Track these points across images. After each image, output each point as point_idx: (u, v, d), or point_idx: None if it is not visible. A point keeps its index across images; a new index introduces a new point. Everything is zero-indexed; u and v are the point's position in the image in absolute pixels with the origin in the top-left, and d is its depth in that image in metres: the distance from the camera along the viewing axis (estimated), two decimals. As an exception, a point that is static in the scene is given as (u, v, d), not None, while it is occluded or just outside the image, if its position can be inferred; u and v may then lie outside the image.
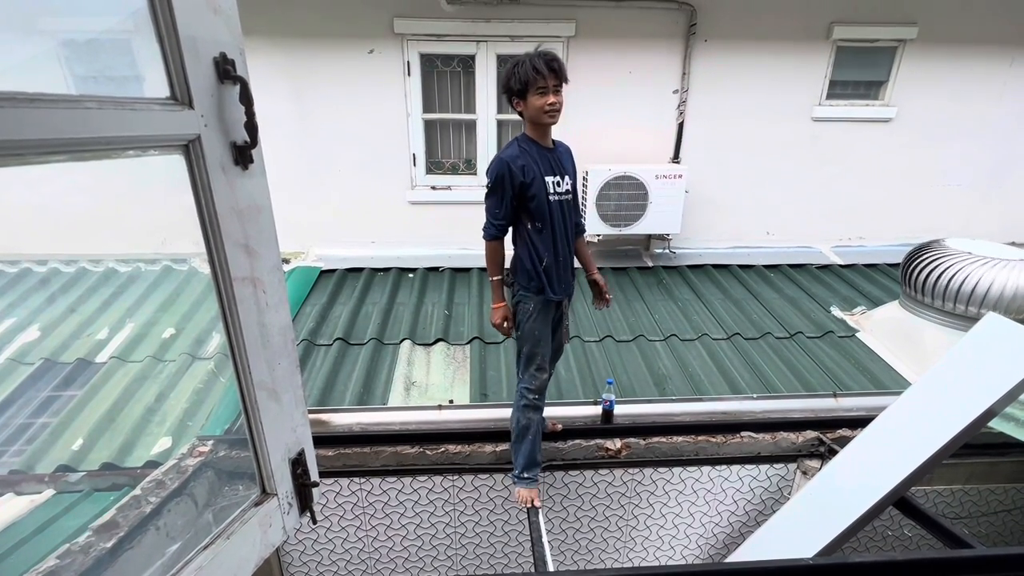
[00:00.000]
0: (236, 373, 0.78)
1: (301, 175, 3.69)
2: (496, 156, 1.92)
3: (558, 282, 2.01)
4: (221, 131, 0.69)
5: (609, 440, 2.48)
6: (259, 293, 0.76)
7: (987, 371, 1.86)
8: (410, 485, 2.52)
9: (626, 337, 3.10)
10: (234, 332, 0.75)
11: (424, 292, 3.52)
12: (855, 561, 1.51)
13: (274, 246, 0.79)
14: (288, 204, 3.62)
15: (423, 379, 2.77)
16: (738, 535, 2.77)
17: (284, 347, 0.83)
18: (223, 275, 0.73)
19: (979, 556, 1.55)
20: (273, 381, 0.81)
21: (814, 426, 2.52)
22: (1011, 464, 2.64)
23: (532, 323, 2.00)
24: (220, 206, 0.70)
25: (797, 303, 3.47)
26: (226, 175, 0.71)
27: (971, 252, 2.90)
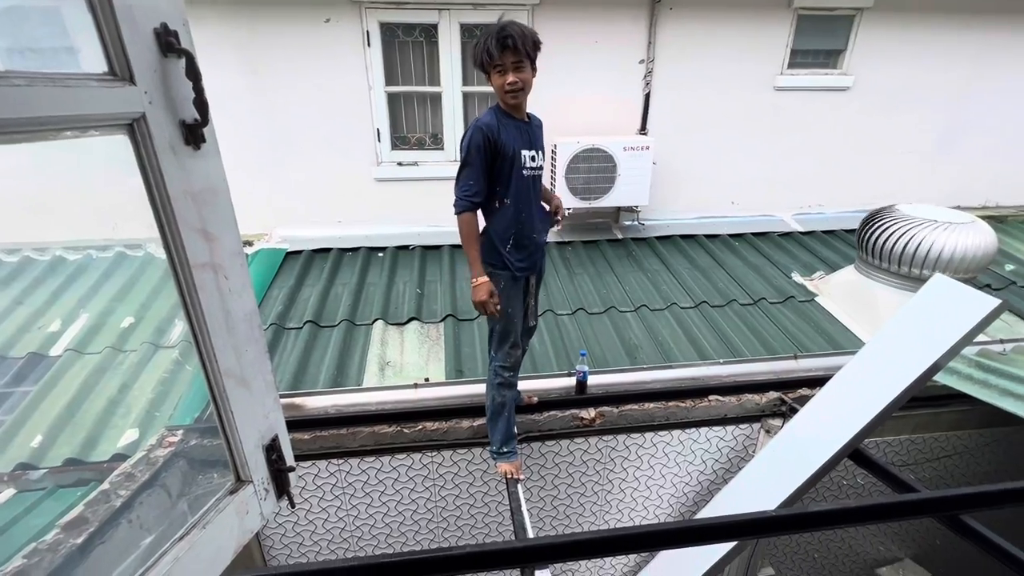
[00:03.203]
0: (202, 362, 0.76)
1: (259, 153, 3.53)
2: (472, 123, 1.82)
3: (527, 258, 1.99)
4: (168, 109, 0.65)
5: (584, 410, 2.54)
6: (220, 279, 0.74)
7: (933, 329, 1.98)
8: (389, 463, 2.54)
9: (598, 309, 3.15)
10: (196, 321, 0.72)
11: (395, 271, 3.47)
12: (813, 511, 1.61)
13: (233, 230, 0.76)
14: (247, 184, 3.48)
15: (397, 359, 2.76)
16: (707, 493, 2.91)
17: (251, 334, 0.80)
18: (180, 262, 0.70)
19: (923, 499, 1.67)
20: (241, 369, 0.79)
21: (776, 387, 2.65)
22: (952, 413, 2.85)
23: (504, 300, 1.98)
24: (172, 189, 0.66)
25: (760, 270, 3.58)
26: (176, 156, 0.67)
27: (920, 217, 3.04)
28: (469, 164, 1.82)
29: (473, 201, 1.85)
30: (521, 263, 1.97)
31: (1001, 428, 2.99)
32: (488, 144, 1.78)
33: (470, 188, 1.83)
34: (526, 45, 1.71)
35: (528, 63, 1.77)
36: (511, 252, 1.94)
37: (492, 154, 1.80)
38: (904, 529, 3.39)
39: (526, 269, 2.00)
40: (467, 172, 1.83)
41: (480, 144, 1.78)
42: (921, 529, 3.39)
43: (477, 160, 1.80)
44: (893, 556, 3.47)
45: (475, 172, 1.82)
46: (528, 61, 1.76)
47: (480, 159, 1.80)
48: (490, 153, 1.80)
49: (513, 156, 1.84)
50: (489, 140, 1.78)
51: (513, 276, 1.98)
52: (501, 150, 1.80)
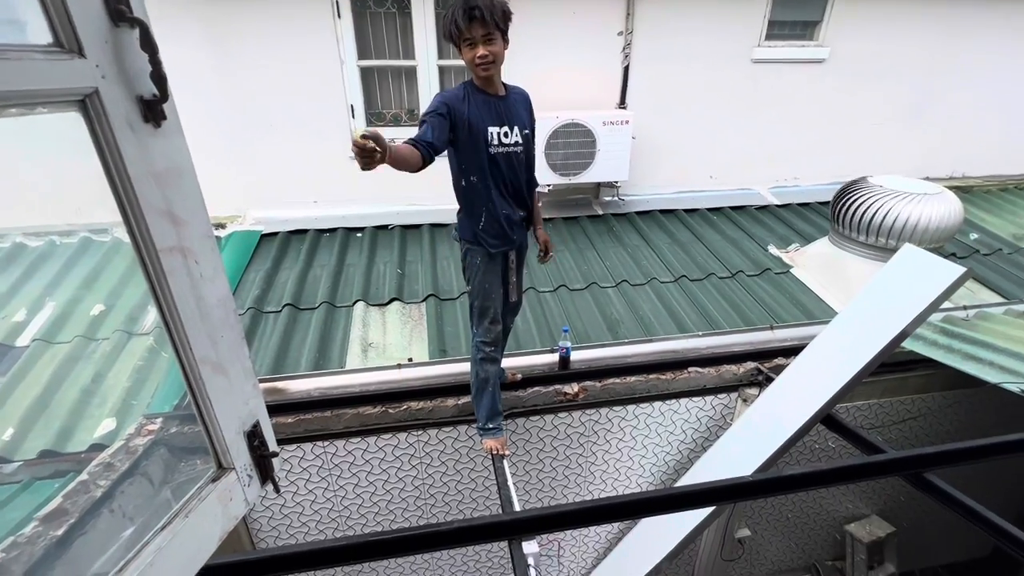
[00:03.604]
0: (175, 351, 0.74)
1: (227, 132, 3.40)
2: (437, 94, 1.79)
3: (502, 235, 1.95)
4: (123, 84, 0.61)
5: (567, 385, 2.58)
6: (191, 264, 0.71)
7: (902, 297, 2.05)
8: (375, 444, 2.54)
9: (579, 285, 3.16)
10: (167, 308, 0.69)
11: (374, 251, 3.42)
12: (788, 474, 1.68)
13: (202, 212, 0.73)
14: (216, 164, 3.35)
15: (380, 339, 2.74)
16: (687, 461, 3.01)
17: (225, 319, 0.78)
18: (147, 247, 0.67)
19: (890, 459, 1.76)
20: (217, 355, 0.77)
21: (753, 357, 2.72)
22: (918, 378, 2.98)
23: (481, 276, 1.98)
24: (133, 170, 0.63)
25: (738, 243, 3.64)
26: (136, 134, 0.63)
27: (891, 188, 3.10)
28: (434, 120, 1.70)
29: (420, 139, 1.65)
30: (494, 239, 1.95)
31: (963, 390, 3.14)
32: (455, 111, 1.73)
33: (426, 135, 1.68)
34: (495, 16, 1.65)
35: (499, 35, 1.70)
36: (484, 230, 1.92)
37: (457, 123, 1.75)
38: (871, 488, 3.57)
39: (501, 246, 1.98)
40: (428, 120, 1.71)
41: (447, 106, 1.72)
42: (887, 487, 3.57)
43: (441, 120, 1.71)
44: (861, 512, 3.66)
45: (434, 123, 1.70)
46: (499, 33, 1.70)
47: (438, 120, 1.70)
48: (457, 121, 1.74)
49: (479, 132, 1.79)
50: (448, 107, 1.72)
51: (488, 253, 1.96)
52: (462, 123, 1.75)
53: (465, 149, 1.82)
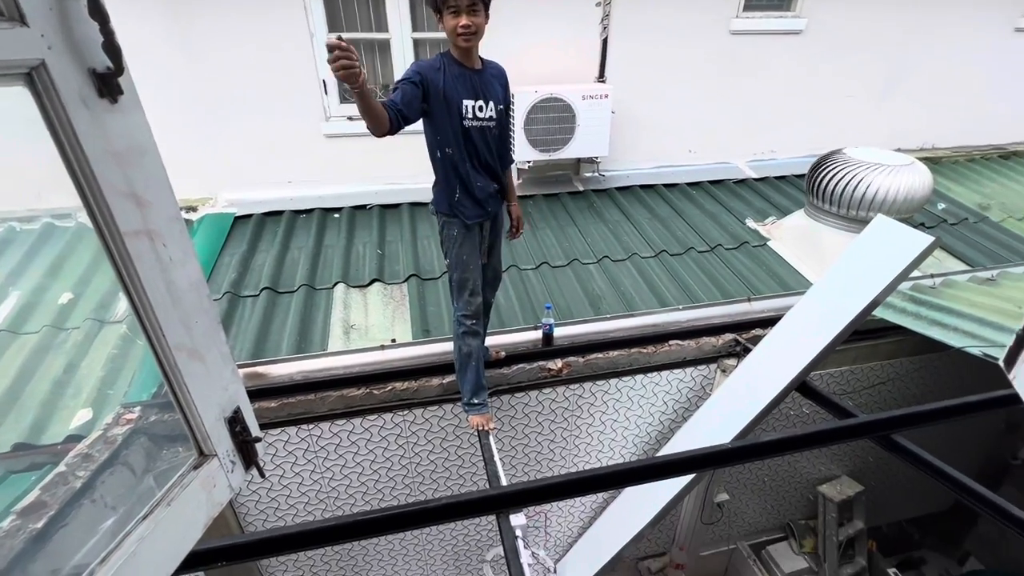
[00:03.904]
0: (148, 338, 0.72)
1: (194, 110, 3.26)
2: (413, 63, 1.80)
3: (477, 207, 1.98)
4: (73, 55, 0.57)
5: (551, 361, 2.60)
6: (159, 247, 0.68)
7: (874, 267, 2.10)
8: (360, 425, 2.55)
9: (561, 262, 3.17)
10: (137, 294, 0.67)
11: (353, 232, 3.36)
12: (765, 441, 1.74)
13: (168, 193, 0.69)
14: (183, 144, 3.22)
15: (362, 321, 2.71)
16: (668, 432, 3.09)
17: (199, 304, 0.76)
18: (110, 231, 0.64)
19: (860, 423, 1.83)
20: (192, 341, 0.75)
21: (731, 329, 2.78)
22: (888, 344, 3.09)
23: (458, 249, 2.00)
24: (90, 149, 0.59)
25: (716, 217, 3.67)
26: (90, 110, 0.60)
27: (865, 160, 3.15)
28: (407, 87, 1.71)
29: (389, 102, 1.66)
30: (471, 211, 1.97)
31: (929, 355, 3.27)
32: (430, 82, 1.74)
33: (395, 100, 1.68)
34: None
35: (482, 7, 1.72)
36: (459, 201, 1.94)
37: (430, 94, 1.76)
38: (842, 450, 3.73)
39: (478, 217, 2.00)
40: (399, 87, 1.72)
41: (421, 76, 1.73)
42: (857, 449, 3.73)
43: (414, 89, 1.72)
44: (832, 474, 3.83)
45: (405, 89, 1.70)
46: (482, 5, 1.71)
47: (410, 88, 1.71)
48: (427, 84, 1.75)
49: (454, 104, 1.80)
50: (422, 76, 1.73)
51: (465, 225, 1.97)
52: (436, 93, 1.76)
53: (440, 121, 1.82)
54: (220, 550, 1.33)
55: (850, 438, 1.85)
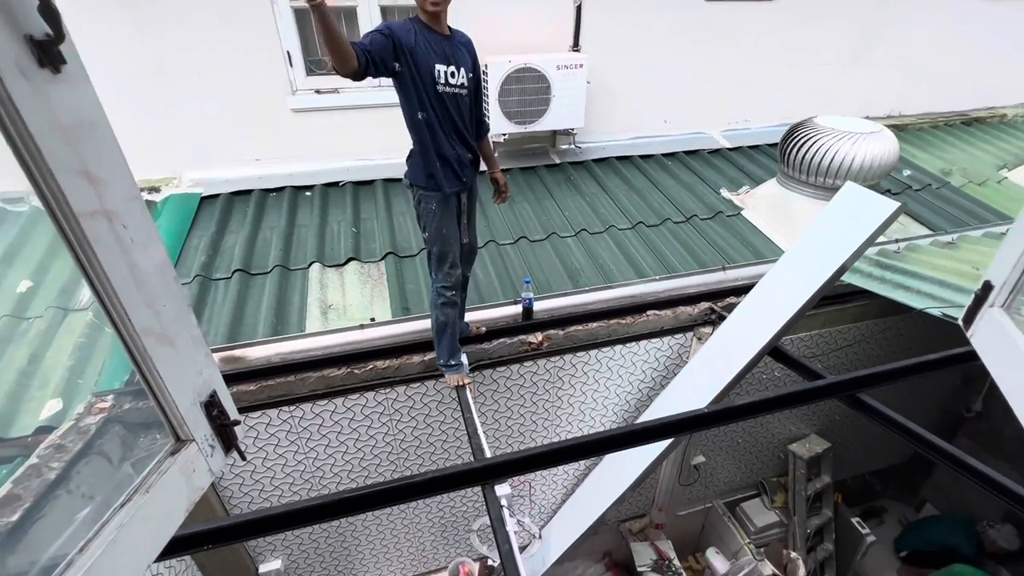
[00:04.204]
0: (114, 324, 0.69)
1: (152, 85, 3.08)
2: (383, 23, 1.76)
3: (453, 176, 1.97)
4: (6, 21, 0.53)
5: (531, 335, 2.62)
6: (118, 229, 0.65)
7: (842, 234, 2.16)
8: (343, 404, 2.54)
9: (539, 236, 3.17)
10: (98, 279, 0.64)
11: (326, 210, 3.28)
12: (738, 404, 1.80)
13: (124, 169, 0.66)
14: (141, 120, 3.06)
15: (339, 301, 2.68)
16: (647, 399, 3.17)
17: (166, 287, 0.73)
18: (64, 212, 0.60)
19: (829, 383, 1.92)
20: (161, 326, 0.73)
21: (707, 298, 2.84)
22: (855, 308, 3.20)
23: (437, 222, 1.99)
24: (34, 123, 0.55)
25: (692, 188, 3.70)
26: (31, 82, 0.56)
27: (835, 128, 3.20)
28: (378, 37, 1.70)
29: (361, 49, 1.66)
30: (449, 181, 1.96)
31: (892, 317, 3.41)
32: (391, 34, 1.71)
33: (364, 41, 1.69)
34: None
35: None
36: (437, 170, 1.92)
37: (398, 50, 1.73)
38: (811, 410, 3.90)
39: (455, 187, 1.99)
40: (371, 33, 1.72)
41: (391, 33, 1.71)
42: (825, 408, 3.90)
43: (376, 36, 1.70)
44: (801, 433, 4.01)
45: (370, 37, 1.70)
46: None
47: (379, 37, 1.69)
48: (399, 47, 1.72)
49: (426, 68, 1.77)
50: (391, 30, 1.71)
51: (444, 196, 1.96)
52: (406, 52, 1.73)
53: (414, 85, 1.80)
54: (205, 534, 1.33)
55: (819, 398, 1.93)
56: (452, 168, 1.96)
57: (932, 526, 4.45)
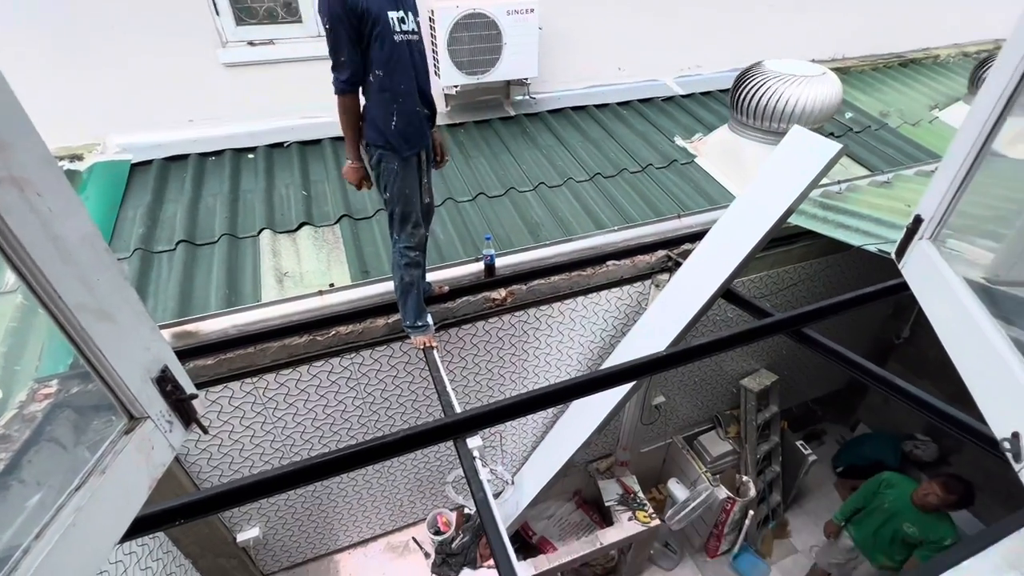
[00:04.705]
0: (41, 303, 0.64)
1: (59, 38, 2.75)
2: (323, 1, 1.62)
3: (415, 134, 1.90)
4: None
5: (494, 291, 2.64)
6: (31, 198, 0.59)
7: (789, 177, 2.23)
8: (308, 372, 2.51)
9: (498, 192, 3.12)
10: (16, 254, 0.59)
11: (272, 174, 3.11)
12: (695, 345, 1.89)
13: (30, 131, 0.59)
14: (52, 80, 2.75)
15: (295, 268, 2.59)
16: (609, 347, 3.29)
17: (97, 259, 0.68)
18: (-36, 183, 0.54)
19: (776, 320, 2.03)
20: (96, 301, 0.68)
21: (663, 246, 2.91)
22: (800, 248, 3.37)
23: (399, 183, 1.92)
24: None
25: (647, 137, 3.71)
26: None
27: (782, 72, 3.24)
28: (335, 39, 1.66)
29: (350, 82, 1.73)
30: (409, 140, 1.88)
31: (834, 255, 3.61)
32: (348, 9, 1.60)
33: (343, 67, 1.70)
34: None
35: None
36: (396, 130, 1.84)
37: (357, 19, 1.62)
38: (760, 347, 4.15)
39: (415, 146, 1.92)
40: (335, 49, 1.68)
41: (339, 13, 1.60)
42: (773, 344, 4.16)
43: (342, 32, 1.64)
44: (752, 368, 4.28)
45: (343, 46, 1.67)
46: None
47: (345, 29, 1.63)
48: (355, 17, 1.62)
49: (378, 19, 1.66)
50: (347, 3, 1.59)
51: (403, 157, 1.89)
52: (364, 14, 1.63)
53: (369, 41, 1.69)
54: (174, 509, 1.31)
55: (768, 335, 2.04)
56: (412, 126, 1.87)
57: (864, 443, 4.92)
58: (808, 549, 4.52)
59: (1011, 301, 1.25)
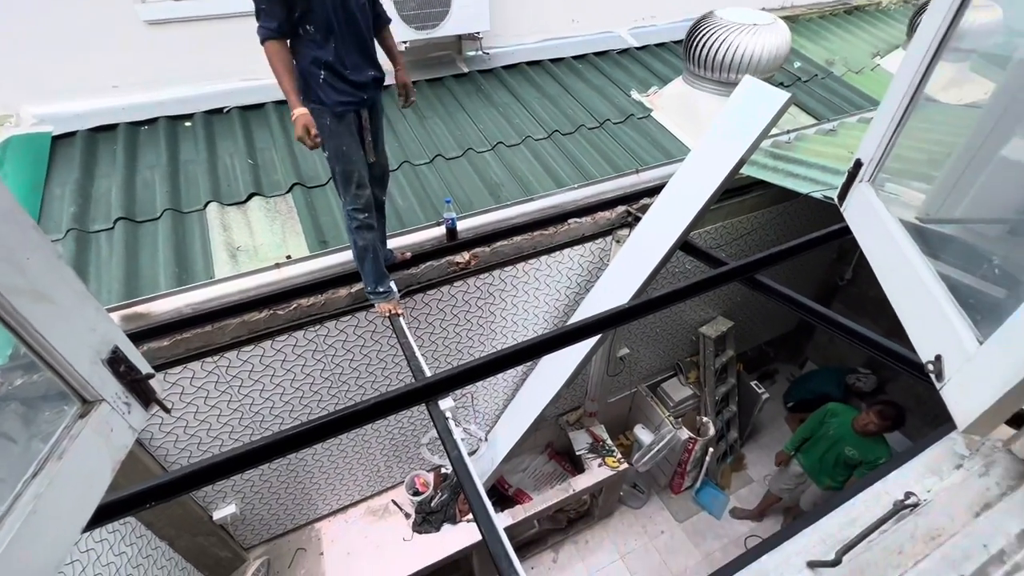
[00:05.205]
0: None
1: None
2: None
3: (345, 93, 1.81)
4: None
5: (458, 255, 2.62)
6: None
7: (741, 128, 2.27)
8: (271, 347, 2.46)
9: (455, 153, 3.06)
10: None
11: (214, 142, 2.92)
12: (656, 296, 1.96)
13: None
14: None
15: (248, 241, 2.49)
16: (574, 303, 3.36)
17: (22, 236, 0.64)
18: None
19: (731, 268, 2.11)
20: (29, 282, 0.64)
21: (623, 201, 2.95)
22: (752, 199, 3.48)
23: (334, 139, 1.85)
24: None
25: (603, 91, 3.67)
26: None
27: (733, 21, 3.24)
28: (261, 10, 1.60)
29: (276, 30, 1.64)
30: (341, 98, 1.80)
31: (784, 204, 3.76)
32: None
33: (266, 15, 1.62)
34: None
35: None
36: (326, 87, 1.76)
37: None
38: (717, 295, 4.34)
39: (348, 104, 1.83)
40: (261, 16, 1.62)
41: None
42: (728, 292, 4.35)
43: None
44: (709, 316, 4.48)
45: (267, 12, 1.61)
46: None
47: None
48: None
49: None
50: None
51: (335, 113, 1.81)
52: None
53: None
54: (143, 493, 1.29)
55: (724, 283, 2.13)
56: (347, 81, 1.78)
57: (811, 379, 5.30)
58: (762, 478, 4.91)
59: (938, 238, 1.34)
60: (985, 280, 1.17)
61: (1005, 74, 1.35)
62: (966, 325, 1.04)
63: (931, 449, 1.16)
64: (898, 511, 1.03)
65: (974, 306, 1.08)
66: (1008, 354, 0.89)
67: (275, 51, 1.67)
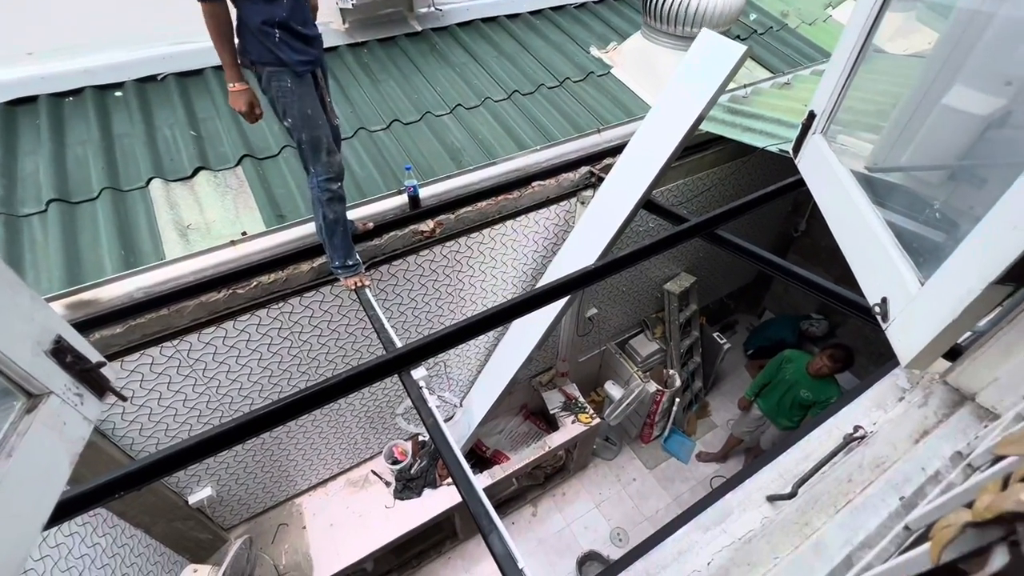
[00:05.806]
0: None
1: None
2: None
3: (305, 50, 1.71)
4: None
5: (422, 223, 2.57)
6: None
7: (699, 83, 2.27)
8: (234, 328, 2.39)
9: (413, 118, 2.95)
10: None
11: (150, 113, 2.71)
12: (621, 255, 1.99)
13: None
14: None
15: (198, 219, 2.36)
16: (542, 267, 3.37)
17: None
18: None
19: (692, 224, 2.15)
20: (-49, 273, 0.59)
21: (585, 162, 2.93)
22: (712, 155, 3.52)
23: (299, 103, 1.75)
24: None
25: (562, 48, 3.58)
26: None
27: (692, -30, 3.17)
28: None
29: None
30: (300, 56, 1.70)
31: (742, 159, 3.82)
32: None
33: None
34: None
35: None
36: (283, 46, 1.65)
37: None
38: (680, 251, 4.44)
39: (307, 63, 1.74)
40: None
41: None
42: (691, 248, 4.46)
43: None
44: (673, 272, 4.60)
45: None
46: None
47: None
48: None
49: None
50: None
51: (295, 72, 1.71)
52: None
53: None
54: (109, 484, 1.26)
55: (686, 239, 2.17)
56: (303, 40, 1.68)
57: (769, 327, 5.56)
58: (725, 423, 5.20)
59: (885, 187, 1.40)
60: (927, 225, 1.24)
61: (948, 23, 1.39)
62: (909, 268, 1.11)
63: (877, 385, 1.25)
64: (847, 444, 1.11)
65: (917, 250, 1.14)
66: (946, 293, 0.95)
67: (214, 13, 1.55)
